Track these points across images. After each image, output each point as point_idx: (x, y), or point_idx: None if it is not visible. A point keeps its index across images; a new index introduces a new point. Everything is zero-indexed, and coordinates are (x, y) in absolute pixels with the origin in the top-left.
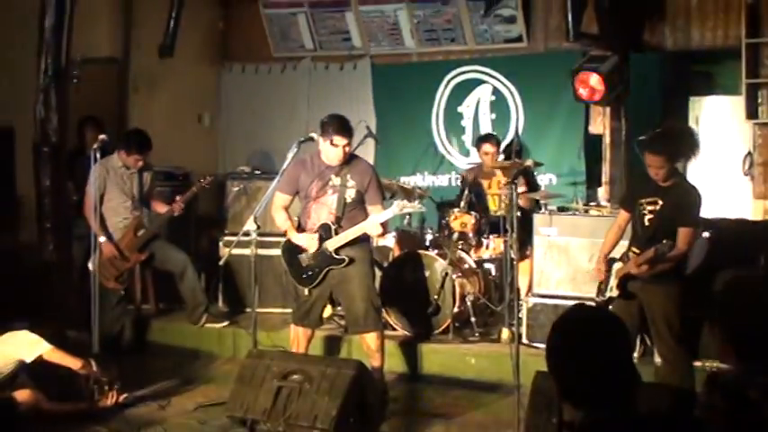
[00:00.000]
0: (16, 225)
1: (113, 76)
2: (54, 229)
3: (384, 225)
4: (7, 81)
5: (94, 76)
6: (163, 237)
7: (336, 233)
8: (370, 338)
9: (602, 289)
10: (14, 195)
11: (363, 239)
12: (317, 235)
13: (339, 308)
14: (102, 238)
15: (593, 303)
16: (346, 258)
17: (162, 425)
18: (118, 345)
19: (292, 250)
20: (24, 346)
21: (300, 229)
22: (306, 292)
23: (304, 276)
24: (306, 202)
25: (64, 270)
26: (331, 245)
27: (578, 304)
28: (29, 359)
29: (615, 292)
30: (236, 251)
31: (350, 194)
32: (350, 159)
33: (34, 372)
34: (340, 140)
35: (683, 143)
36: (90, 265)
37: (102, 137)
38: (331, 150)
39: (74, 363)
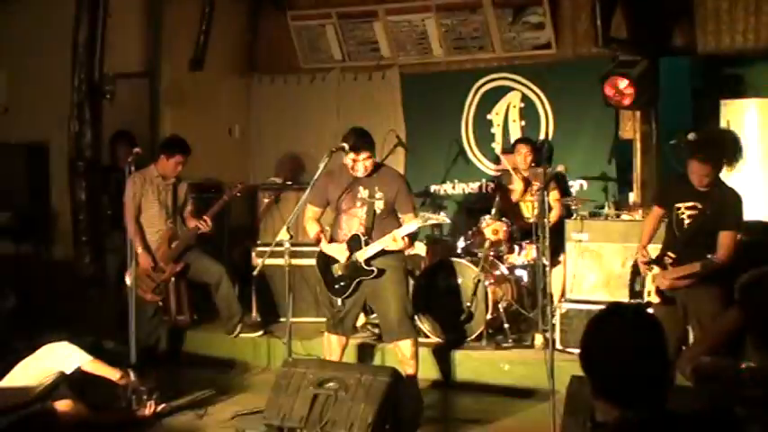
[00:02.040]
0: (51, 239)
1: (145, 91)
2: (90, 242)
3: (409, 237)
4: (41, 97)
5: (126, 91)
6: (198, 248)
7: (367, 244)
8: (405, 346)
9: (635, 291)
10: (49, 210)
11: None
12: (346, 245)
13: (372, 316)
14: (139, 249)
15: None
16: (375, 270)
17: None
18: (154, 356)
19: (325, 261)
20: (64, 357)
21: (332, 240)
22: (339, 302)
23: (336, 287)
24: (337, 213)
25: (100, 283)
26: (360, 256)
27: (614, 303)
28: (68, 370)
29: (655, 299)
30: (269, 261)
31: (378, 206)
32: (378, 169)
33: (74, 383)
34: (354, 156)
35: (728, 149)
36: (127, 278)
37: (136, 150)
38: (351, 164)
39: (112, 373)
